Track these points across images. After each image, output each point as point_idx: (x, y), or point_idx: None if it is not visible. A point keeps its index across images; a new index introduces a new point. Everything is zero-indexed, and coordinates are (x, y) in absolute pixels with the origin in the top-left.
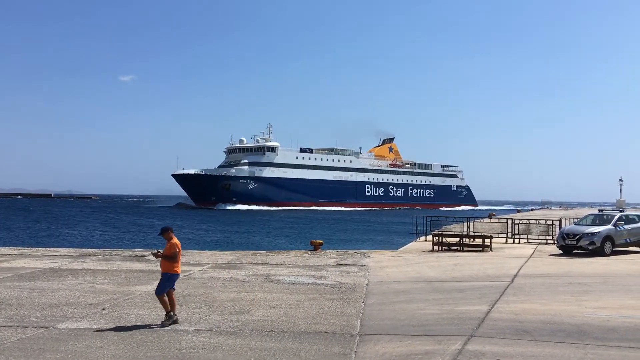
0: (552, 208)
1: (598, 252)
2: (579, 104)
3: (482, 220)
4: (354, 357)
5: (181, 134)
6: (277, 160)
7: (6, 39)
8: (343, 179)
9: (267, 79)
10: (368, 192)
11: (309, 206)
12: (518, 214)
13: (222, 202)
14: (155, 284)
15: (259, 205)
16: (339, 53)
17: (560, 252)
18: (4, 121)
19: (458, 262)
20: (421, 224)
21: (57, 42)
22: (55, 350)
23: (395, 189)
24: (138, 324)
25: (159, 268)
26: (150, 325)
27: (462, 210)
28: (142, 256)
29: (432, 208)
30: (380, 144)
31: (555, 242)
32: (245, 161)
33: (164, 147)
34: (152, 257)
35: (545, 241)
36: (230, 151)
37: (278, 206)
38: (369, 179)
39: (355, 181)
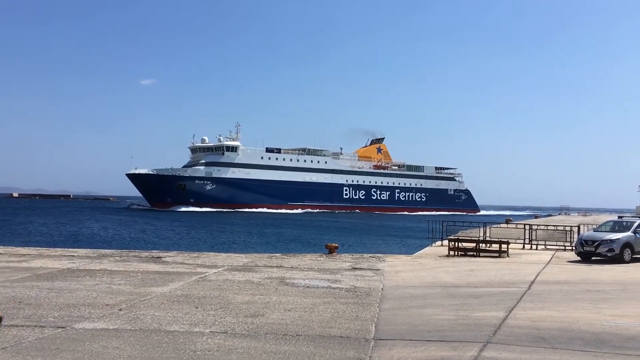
0: (571, 214)
1: (617, 259)
2: (599, 107)
3: (499, 226)
4: None
5: (191, 135)
6: (238, 160)
7: (27, 40)
8: (315, 181)
9: (265, 82)
10: (346, 194)
11: (276, 208)
12: (536, 219)
13: (178, 204)
14: (172, 285)
15: (216, 207)
16: (340, 57)
17: (578, 258)
18: (25, 123)
19: (474, 268)
20: (437, 230)
21: (74, 44)
22: (72, 350)
23: (378, 192)
24: (154, 325)
25: (175, 270)
26: (166, 326)
27: (458, 215)
28: (158, 258)
29: (422, 212)
30: (368, 144)
31: (574, 248)
32: (203, 161)
33: (181, 148)
34: (168, 259)
35: (563, 247)
36: (192, 150)
37: (239, 208)
38: (347, 180)
39: (331, 183)
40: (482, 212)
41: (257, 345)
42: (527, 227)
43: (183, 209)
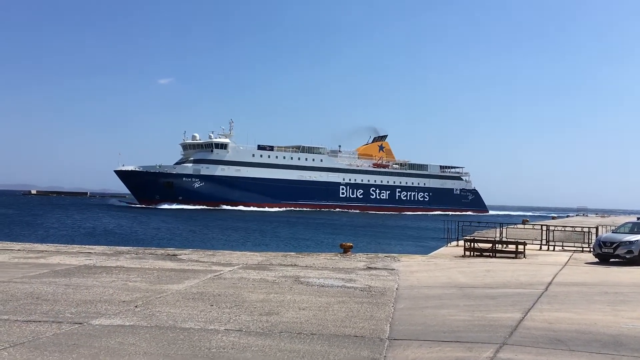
0: (588, 215)
1: (636, 261)
2: (618, 107)
3: (515, 227)
4: None
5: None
6: (228, 157)
7: (46, 41)
8: (309, 179)
9: (271, 82)
10: (343, 193)
11: (268, 207)
12: (553, 220)
13: (167, 201)
14: (187, 283)
15: (205, 205)
16: (346, 57)
17: (596, 260)
18: (44, 121)
19: (490, 269)
20: (453, 230)
21: (93, 45)
22: (88, 346)
23: (378, 191)
24: (169, 322)
25: (191, 267)
26: (182, 323)
27: (465, 215)
28: (174, 255)
29: (425, 212)
30: (369, 141)
31: (592, 250)
32: (192, 158)
33: None
34: (183, 257)
35: (581, 249)
36: (183, 147)
37: (229, 206)
38: (344, 179)
39: (327, 181)
40: (491, 213)
41: (271, 344)
42: (544, 228)
43: (166, 206)
